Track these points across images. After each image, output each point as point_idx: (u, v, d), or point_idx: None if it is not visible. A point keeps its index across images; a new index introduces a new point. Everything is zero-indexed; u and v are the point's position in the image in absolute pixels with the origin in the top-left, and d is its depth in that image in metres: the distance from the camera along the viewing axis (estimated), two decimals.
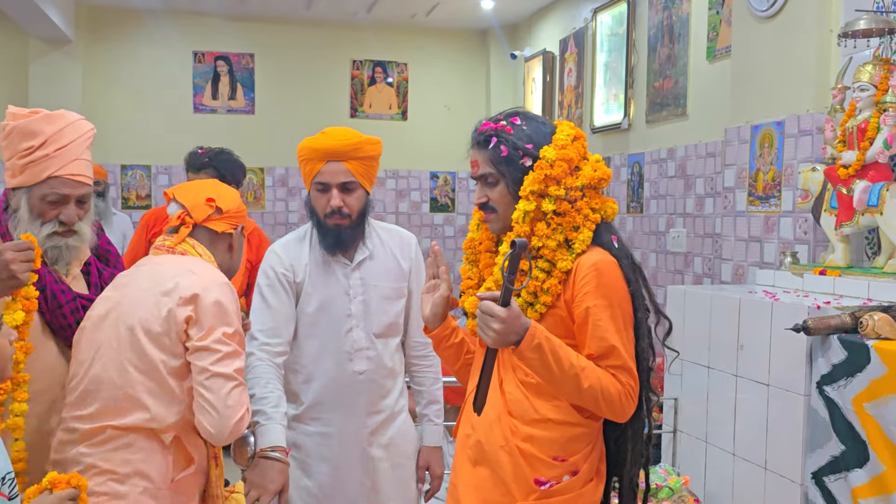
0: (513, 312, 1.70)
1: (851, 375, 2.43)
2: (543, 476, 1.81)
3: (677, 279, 5.12)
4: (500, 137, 1.86)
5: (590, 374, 1.75)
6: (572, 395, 1.77)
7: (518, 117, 1.90)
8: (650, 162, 5.49)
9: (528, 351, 1.72)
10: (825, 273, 3.05)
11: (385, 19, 7.86)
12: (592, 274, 1.80)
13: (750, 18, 3.78)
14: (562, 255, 1.83)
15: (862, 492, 2.40)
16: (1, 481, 1.62)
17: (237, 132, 7.85)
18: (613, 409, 1.78)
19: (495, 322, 1.69)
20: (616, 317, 1.79)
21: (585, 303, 1.79)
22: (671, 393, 3.45)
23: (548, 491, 1.80)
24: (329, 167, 2.38)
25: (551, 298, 1.83)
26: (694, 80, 5.00)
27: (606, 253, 1.85)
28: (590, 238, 1.84)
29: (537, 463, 1.81)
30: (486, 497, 1.85)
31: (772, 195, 3.64)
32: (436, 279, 1.98)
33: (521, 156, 1.84)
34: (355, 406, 2.44)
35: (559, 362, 1.73)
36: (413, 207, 8.32)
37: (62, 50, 7.34)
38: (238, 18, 7.82)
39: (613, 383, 1.77)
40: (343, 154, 2.38)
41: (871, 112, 2.95)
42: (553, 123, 1.92)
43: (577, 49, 6.66)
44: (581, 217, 1.84)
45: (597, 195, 1.89)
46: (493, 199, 1.88)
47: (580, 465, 1.83)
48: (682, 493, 3.14)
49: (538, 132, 1.87)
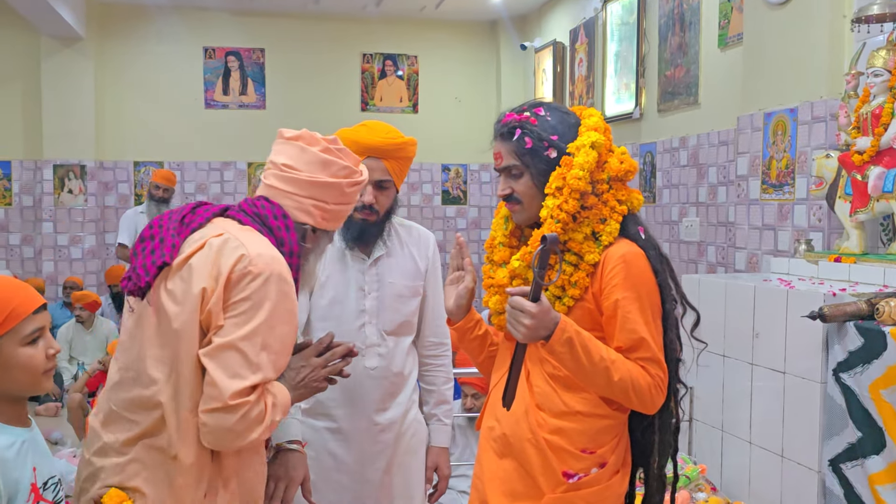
0: (543, 307, 1.68)
1: (868, 362, 2.43)
2: (572, 468, 1.80)
3: (691, 268, 5.10)
4: (525, 129, 1.84)
5: (620, 366, 1.74)
6: (602, 388, 1.76)
7: (542, 108, 1.88)
8: (662, 151, 5.47)
9: (559, 345, 1.70)
10: (840, 260, 3.04)
11: (394, 12, 7.86)
12: (621, 266, 1.78)
13: (762, 5, 3.76)
14: (589, 247, 1.81)
15: (879, 478, 2.39)
16: (43, 486, 1.62)
17: (248, 127, 7.89)
18: (643, 402, 1.77)
19: (526, 317, 1.67)
20: (645, 309, 1.79)
21: (614, 295, 1.78)
22: (687, 382, 3.45)
23: (576, 483, 1.79)
24: (367, 163, 2.31)
25: (579, 291, 1.81)
26: (705, 69, 4.98)
27: (634, 244, 1.84)
28: (617, 230, 1.83)
29: (566, 455, 1.80)
30: (511, 489, 1.84)
31: (785, 183, 3.62)
32: (460, 271, 1.97)
33: (546, 147, 1.83)
34: (365, 402, 2.42)
35: (589, 356, 1.72)
36: (425, 200, 8.33)
37: (74, 47, 7.39)
38: (248, 13, 7.84)
39: (643, 375, 1.76)
40: (384, 152, 2.35)
41: (885, 97, 2.93)
42: (576, 114, 1.90)
43: (587, 39, 6.64)
44: (608, 209, 1.83)
45: (623, 187, 1.87)
46: (518, 190, 1.86)
47: (608, 456, 1.82)
48: (698, 481, 3.14)
49: (563, 123, 1.86)
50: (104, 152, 7.70)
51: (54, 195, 7.54)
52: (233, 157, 7.93)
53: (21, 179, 7.67)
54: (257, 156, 7.96)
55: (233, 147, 7.92)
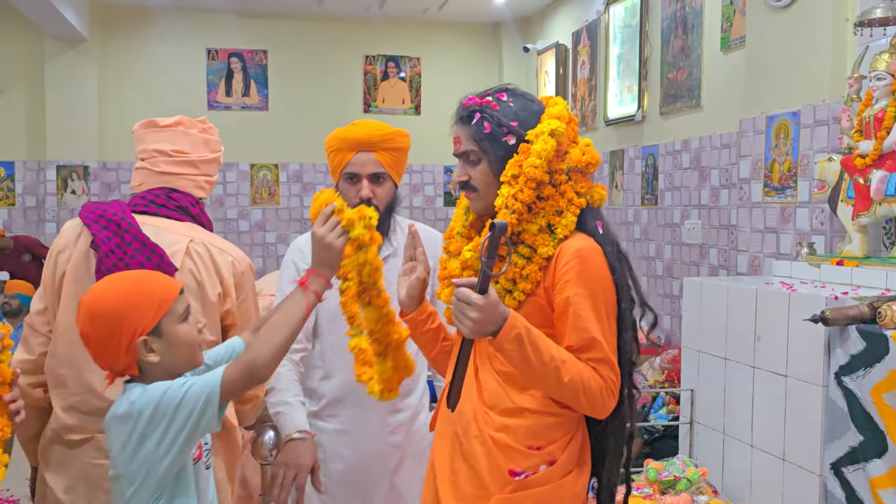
0: (491, 300, 1.60)
1: (870, 366, 2.42)
2: (519, 466, 1.71)
3: (692, 271, 5.10)
4: (485, 113, 1.77)
5: (571, 367, 1.65)
6: (552, 388, 1.68)
7: (505, 93, 1.80)
8: (664, 154, 5.48)
9: (507, 342, 1.62)
10: (842, 263, 3.04)
11: (397, 14, 7.87)
12: (575, 261, 1.70)
13: (764, 8, 3.76)
14: (543, 240, 1.73)
15: (880, 482, 2.39)
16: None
17: (251, 129, 7.90)
18: (594, 405, 1.69)
19: (472, 310, 1.59)
20: (598, 307, 1.69)
21: (566, 291, 1.69)
22: (688, 384, 3.45)
23: (524, 482, 1.70)
24: (359, 157, 2.36)
25: (531, 286, 1.73)
26: (708, 71, 4.98)
27: (591, 239, 1.75)
28: (573, 223, 1.74)
29: (512, 452, 1.72)
30: (461, 493, 1.76)
31: (788, 186, 3.62)
32: (413, 261, 1.92)
33: (505, 133, 1.75)
34: (375, 404, 2.42)
35: (539, 355, 1.63)
36: (427, 202, 8.34)
37: (77, 49, 7.41)
38: (251, 15, 7.85)
39: (595, 377, 1.67)
40: (374, 144, 2.36)
41: (887, 101, 2.93)
42: (541, 101, 1.82)
43: (589, 41, 6.64)
44: (565, 201, 1.75)
45: (584, 179, 1.78)
46: (475, 177, 1.79)
47: (557, 454, 1.73)
48: (699, 484, 3.13)
49: (525, 109, 1.78)
50: (107, 153, 7.71)
51: (57, 196, 7.56)
52: (235, 159, 7.94)
53: (24, 180, 7.69)
54: (260, 157, 7.97)
55: (235, 148, 7.89)
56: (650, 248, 5.69)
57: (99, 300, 1.64)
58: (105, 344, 1.63)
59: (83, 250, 1.99)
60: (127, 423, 1.60)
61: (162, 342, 1.65)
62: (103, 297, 1.64)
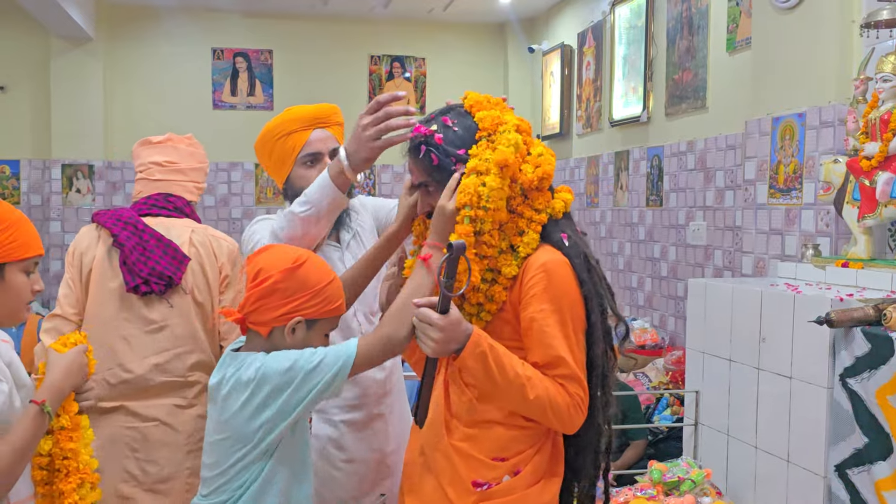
0: (452, 319, 1.59)
1: (875, 368, 2.42)
2: (482, 477, 1.70)
3: (697, 272, 5.10)
4: (429, 146, 1.73)
5: (537, 384, 1.63)
6: (518, 405, 1.66)
7: (448, 117, 1.76)
8: (670, 155, 5.47)
9: (471, 359, 1.61)
10: (848, 265, 3.03)
11: (402, 14, 7.87)
12: (541, 275, 1.67)
13: (770, 9, 3.75)
14: (506, 260, 1.71)
15: (885, 484, 2.39)
16: None
17: (256, 128, 7.81)
18: (562, 421, 1.67)
19: (433, 331, 1.58)
20: (565, 322, 1.67)
21: (532, 307, 1.67)
22: (693, 386, 3.45)
23: (486, 493, 1.69)
24: (318, 134, 2.30)
25: (496, 307, 1.71)
26: (714, 73, 4.98)
27: (557, 252, 1.72)
28: (536, 240, 1.72)
29: (476, 464, 1.71)
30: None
31: (793, 187, 3.62)
32: (395, 267, 1.90)
33: (453, 163, 1.72)
34: (370, 383, 2.35)
35: (504, 372, 1.61)
36: None
37: (83, 48, 7.42)
38: (256, 15, 7.86)
39: (562, 394, 1.65)
40: (327, 119, 2.33)
41: (893, 103, 2.93)
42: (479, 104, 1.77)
43: (595, 42, 6.64)
44: (524, 221, 1.73)
45: (540, 195, 1.75)
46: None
47: (522, 465, 1.71)
48: (704, 485, 3.13)
49: (469, 131, 1.74)
50: (112, 152, 7.72)
51: (62, 194, 7.57)
52: (240, 158, 7.95)
53: (29, 178, 7.70)
54: None
55: (240, 148, 7.90)
56: (655, 249, 5.69)
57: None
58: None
59: (105, 249, 2.42)
60: (249, 387, 1.69)
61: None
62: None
